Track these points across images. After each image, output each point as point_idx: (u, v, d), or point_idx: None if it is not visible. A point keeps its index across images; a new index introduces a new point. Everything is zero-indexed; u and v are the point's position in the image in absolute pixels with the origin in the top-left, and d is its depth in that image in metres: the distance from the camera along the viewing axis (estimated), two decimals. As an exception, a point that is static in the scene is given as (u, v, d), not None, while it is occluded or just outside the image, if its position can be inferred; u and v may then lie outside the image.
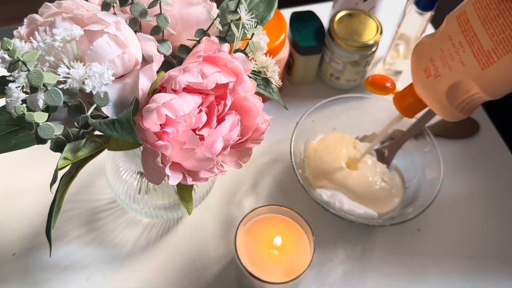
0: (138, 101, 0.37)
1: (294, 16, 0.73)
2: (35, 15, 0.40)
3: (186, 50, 0.43)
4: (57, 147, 0.36)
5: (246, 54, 0.44)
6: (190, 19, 0.42)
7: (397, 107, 0.58)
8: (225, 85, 0.39)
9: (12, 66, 0.33)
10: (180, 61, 0.43)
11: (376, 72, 0.81)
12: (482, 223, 0.68)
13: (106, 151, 0.42)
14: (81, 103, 0.37)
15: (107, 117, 0.37)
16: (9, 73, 0.34)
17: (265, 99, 0.73)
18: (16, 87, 0.33)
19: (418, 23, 0.68)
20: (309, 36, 0.71)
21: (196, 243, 0.64)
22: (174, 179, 0.38)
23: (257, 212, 0.56)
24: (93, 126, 0.35)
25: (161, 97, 0.36)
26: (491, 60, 0.46)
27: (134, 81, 0.39)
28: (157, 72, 0.39)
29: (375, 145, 0.67)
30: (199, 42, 0.43)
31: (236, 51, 0.44)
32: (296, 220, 0.56)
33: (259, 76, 0.46)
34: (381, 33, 0.71)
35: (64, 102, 0.35)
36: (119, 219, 0.65)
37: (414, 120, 0.68)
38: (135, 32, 0.40)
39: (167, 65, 0.43)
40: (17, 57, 0.33)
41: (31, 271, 0.61)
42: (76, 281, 0.60)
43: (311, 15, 0.74)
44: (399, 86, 0.81)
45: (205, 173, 0.40)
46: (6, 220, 0.64)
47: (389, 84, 0.58)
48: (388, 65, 0.77)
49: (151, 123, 0.36)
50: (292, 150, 0.64)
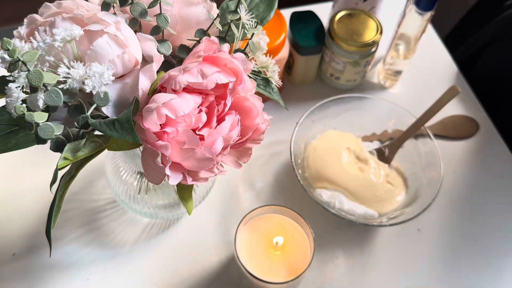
0: (138, 101, 0.37)
1: (294, 16, 0.73)
2: (35, 15, 0.40)
3: (186, 50, 0.43)
4: (57, 147, 0.36)
5: (246, 54, 0.44)
6: (190, 19, 0.42)
7: None
8: (225, 85, 0.39)
9: (12, 66, 0.33)
10: (180, 61, 0.43)
11: (376, 72, 0.81)
12: (482, 223, 0.68)
13: (106, 151, 0.42)
14: (81, 103, 0.37)
15: (107, 117, 0.37)
16: (9, 73, 0.34)
17: (265, 99, 0.73)
18: (16, 87, 0.33)
19: (418, 23, 0.68)
20: (309, 36, 0.71)
21: (196, 243, 0.64)
22: (174, 179, 0.38)
23: (257, 212, 0.56)
24: (93, 126, 0.35)
25: (161, 97, 0.36)
26: None
27: (134, 81, 0.39)
28: (157, 72, 0.39)
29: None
30: (199, 42, 0.43)
31: (236, 51, 0.44)
32: (296, 220, 0.56)
33: (259, 76, 0.46)
34: (381, 33, 0.71)
35: (64, 102, 0.35)
36: (119, 219, 0.65)
37: (413, 119, 0.68)
38: (135, 32, 0.40)
39: (167, 65, 0.43)
40: (17, 57, 0.33)
41: (31, 271, 0.61)
42: (76, 281, 0.60)
43: (311, 15, 0.74)
44: (399, 86, 0.82)
45: (205, 173, 0.40)
46: (6, 220, 0.64)
47: None
48: (388, 65, 0.77)
49: (151, 123, 0.36)
50: (292, 150, 0.64)
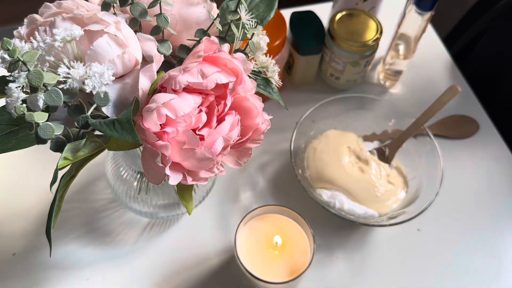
0: (138, 101, 0.37)
1: (294, 16, 0.73)
2: (35, 15, 0.40)
3: (186, 50, 0.43)
4: (57, 147, 0.36)
5: (246, 54, 0.44)
6: (190, 19, 0.42)
7: None
8: (225, 85, 0.39)
9: (12, 66, 0.33)
10: (180, 61, 0.43)
11: (376, 72, 0.81)
12: (482, 223, 0.68)
13: (106, 151, 0.42)
14: (81, 103, 0.37)
15: (107, 117, 0.37)
16: (9, 73, 0.34)
17: (265, 99, 0.73)
18: (16, 87, 0.33)
19: (418, 23, 0.68)
20: (309, 36, 0.71)
21: (196, 243, 0.64)
22: (174, 179, 0.38)
23: (257, 212, 0.56)
24: (93, 126, 0.35)
25: (161, 97, 0.36)
26: None
27: (134, 81, 0.39)
28: (157, 72, 0.39)
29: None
30: (199, 42, 0.43)
31: (236, 51, 0.44)
32: (296, 220, 0.56)
33: (259, 76, 0.46)
34: (381, 33, 0.71)
35: (64, 102, 0.35)
36: (119, 219, 0.65)
37: (413, 119, 0.68)
38: (135, 32, 0.40)
39: (167, 65, 0.43)
40: (17, 57, 0.33)
41: (31, 271, 0.61)
42: (76, 281, 0.60)
43: (311, 15, 0.74)
44: (399, 86, 0.82)
45: (205, 173, 0.40)
46: (6, 220, 0.64)
47: None
48: (388, 65, 0.77)
49: (151, 123, 0.36)
50: (292, 150, 0.64)
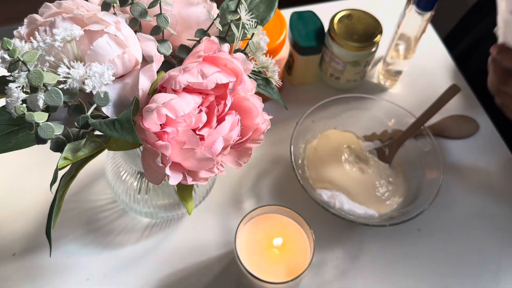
0: (138, 101, 0.37)
1: (294, 16, 0.73)
2: (35, 15, 0.40)
3: (186, 50, 0.43)
4: (57, 147, 0.36)
5: (246, 54, 0.44)
6: (190, 19, 0.42)
7: None
8: (225, 85, 0.39)
9: (12, 66, 0.33)
10: (180, 61, 0.43)
11: (376, 72, 0.81)
12: (482, 223, 0.68)
13: (106, 151, 0.42)
14: (81, 103, 0.37)
15: (107, 117, 0.37)
16: (9, 73, 0.34)
17: (265, 99, 0.73)
18: (16, 87, 0.33)
19: (418, 23, 0.68)
20: (309, 36, 0.71)
21: (196, 243, 0.64)
22: (174, 179, 0.38)
23: (257, 212, 0.56)
24: (93, 126, 0.35)
25: (161, 97, 0.36)
26: None
27: (134, 81, 0.39)
28: (157, 72, 0.39)
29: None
30: (199, 42, 0.43)
31: (236, 51, 0.44)
32: (296, 220, 0.56)
33: (259, 76, 0.46)
34: (381, 33, 0.71)
35: (64, 102, 0.35)
36: (119, 219, 0.65)
37: (413, 119, 0.68)
38: (135, 32, 0.40)
39: (167, 65, 0.43)
40: (17, 57, 0.33)
41: (31, 271, 0.61)
42: (76, 281, 0.60)
43: (311, 15, 0.74)
44: (399, 86, 0.81)
45: (205, 173, 0.40)
46: (6, 220, 0.64)
47: None
48: (388, 65, 0.77)
49: (151, 123, 0.36)
50: (292, 150, 0.64)
